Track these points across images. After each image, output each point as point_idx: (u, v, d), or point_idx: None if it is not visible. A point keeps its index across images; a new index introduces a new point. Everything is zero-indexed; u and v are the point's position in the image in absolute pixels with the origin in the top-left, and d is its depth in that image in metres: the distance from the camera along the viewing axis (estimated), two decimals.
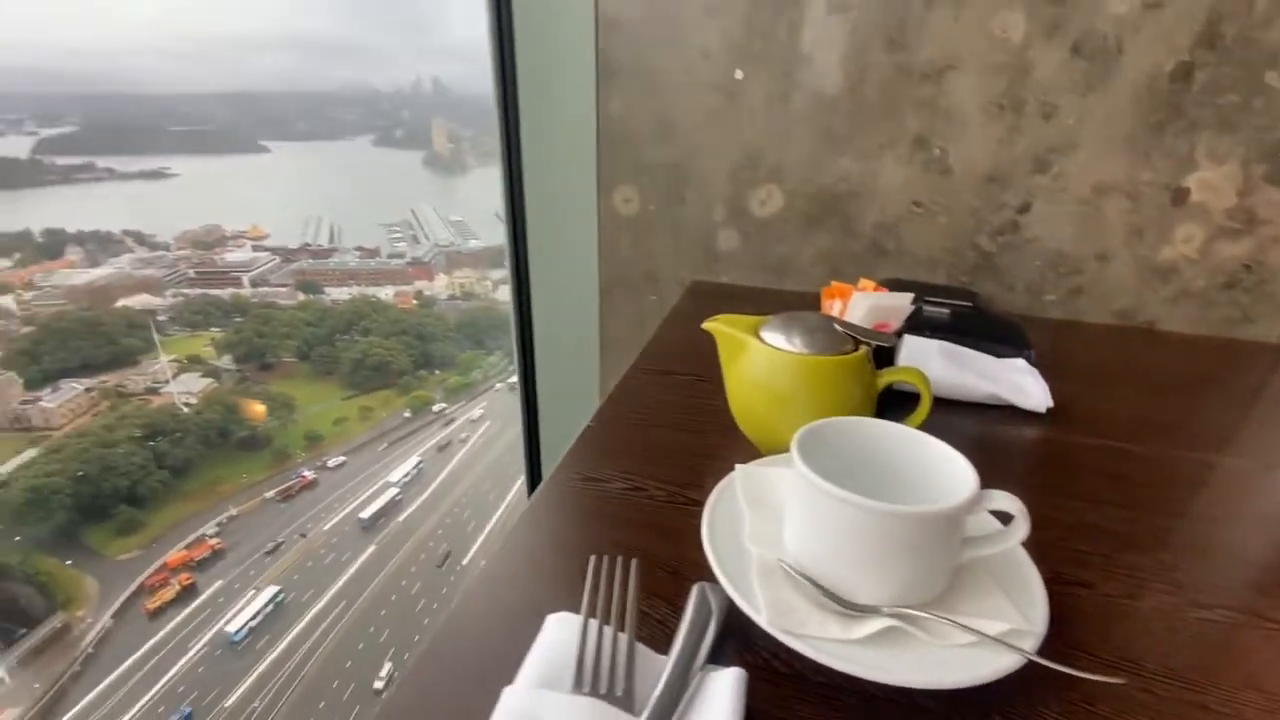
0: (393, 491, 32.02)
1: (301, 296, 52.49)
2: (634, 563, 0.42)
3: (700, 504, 0.47)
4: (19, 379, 46.63)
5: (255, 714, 19.58)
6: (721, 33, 1.11)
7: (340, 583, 27.00)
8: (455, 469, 33.90)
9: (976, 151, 1.08)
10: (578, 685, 0.34)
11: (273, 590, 27.71)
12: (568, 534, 0.50)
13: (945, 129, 1.08)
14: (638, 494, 0.54)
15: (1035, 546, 0.42)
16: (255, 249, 59.61)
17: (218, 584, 32.35)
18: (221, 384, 50.38)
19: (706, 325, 0.63)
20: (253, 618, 25.78)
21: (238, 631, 23.59)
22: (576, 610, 0.39)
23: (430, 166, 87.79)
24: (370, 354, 50.80)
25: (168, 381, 45.76)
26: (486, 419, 36.24)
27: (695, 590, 0.41)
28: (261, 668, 21.25)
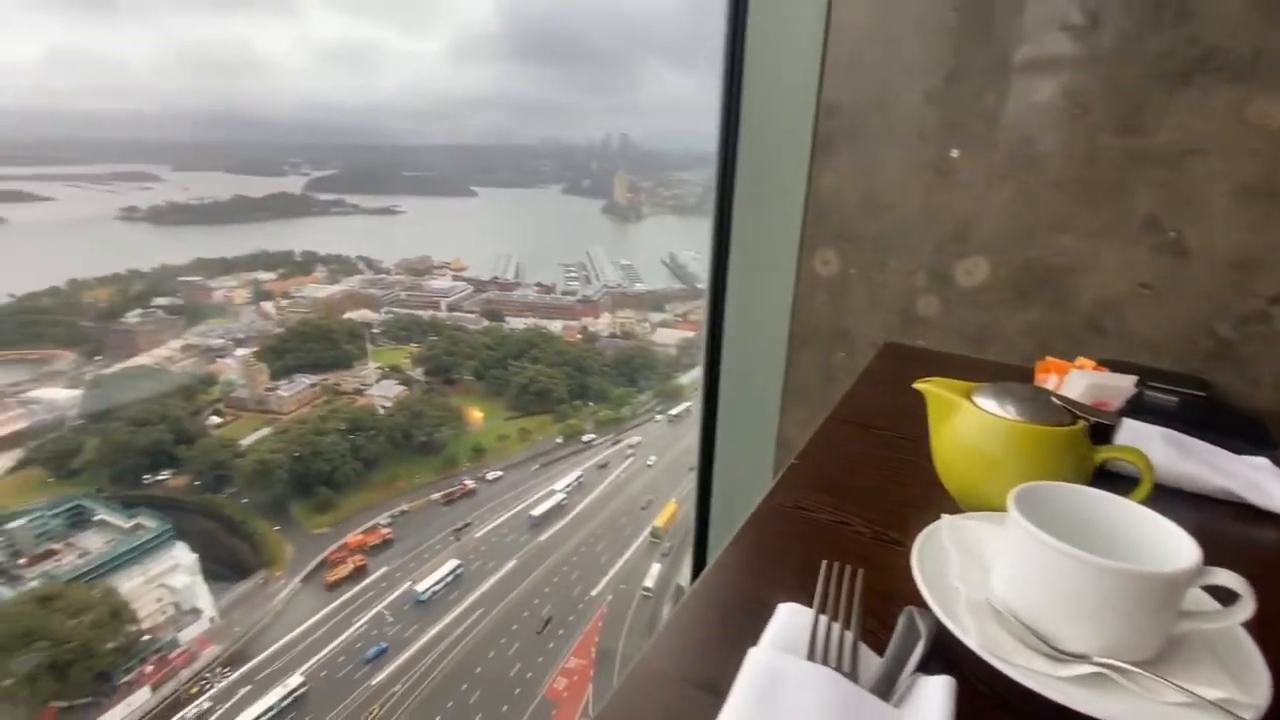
0: (559, 497, 35.48)
1: (485, 323, 57.77)
2: (860, 571, 0.48)
3: (904, 545, 0.51)
4: (266, 369, 56.55)
5: (440, 652, 22.78)
6: (940, 116, 1.12)
7: (507, 567, 29.97)
8: (609, 488, 35.58)
9: (1220, 236, 1.03)
10: (810, 657, 0.40)
11: (454, 563, 32.40)
12: (785, 546, 0.57)
13: (1182, 212, 1.04)
14: (844, 527, 0.59)
15: (1259, 637, 0.40)
16: (455, 278, 67.37)
17: (383, 569, 36.03)
18: (412, 392, 56.81)
19: (919, 385, 0.65)
20: (437, 582, 30.90)
21: (424, 591, 28.64)
22: (805, 604, 0.45)
23: (609, 214, 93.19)
24: (535, 380, 54.30)
25: (371, 385, 52.86)
26: (638, 450, 37.42)
27: (905, 613, 0.44)
28: (445, 621, 25.34)
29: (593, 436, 40.51)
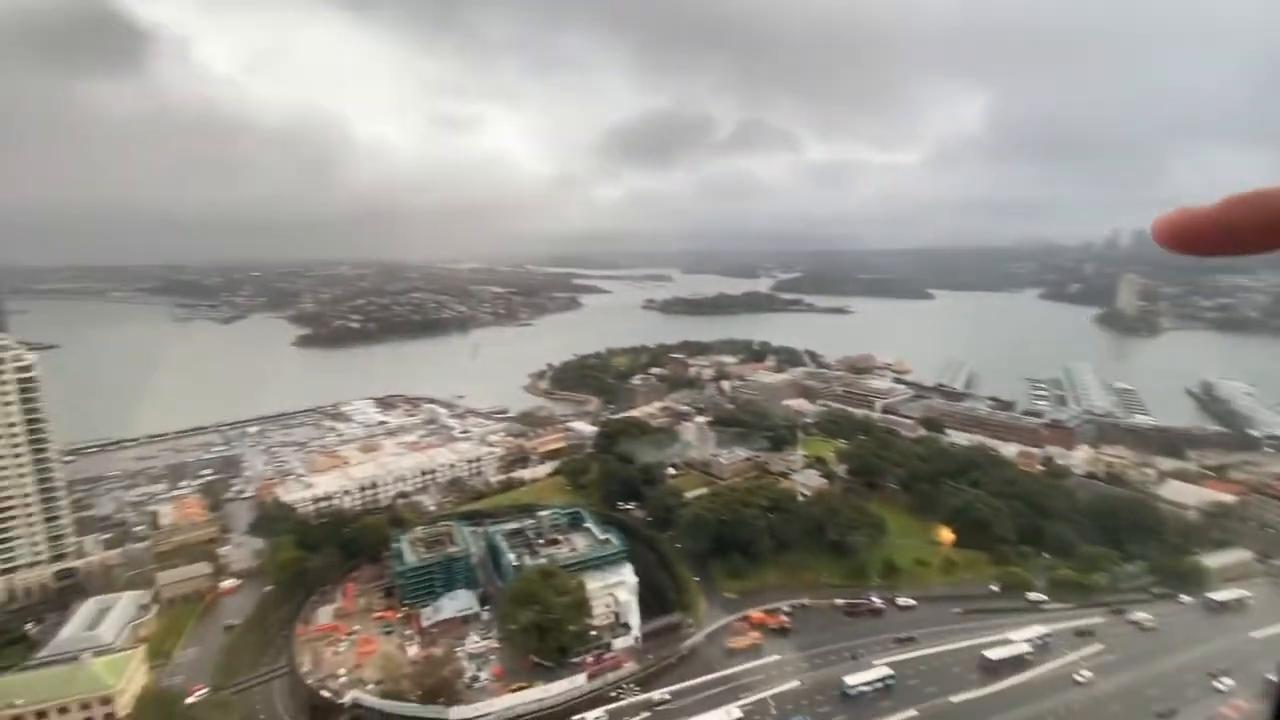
0: (1022, 647, 30.18)
1: (922, 431, 53.83)
2: None
3: None
4: (714, 438, 64.57)
5: None
6: None
7: (962, 697, 26.81)
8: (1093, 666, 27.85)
9: None
10: None
11: (886, 670, 30.86)
12: None
13: None
14: None
15: None
16: (895, 380, 65.36)
17: (774, 657, 36.01)
18: (832, 486, 56.40)
19: None
20: (868, 683, 30.06)
21: (854, 686, 28.32)
22: None
23: (1105, 324, 76.39)
24: (973, 508, 47.05)
25: (796, 471, 54.78)
26: (1095, 646, 28.13)
27: None
28: None
29: (1042, 598, 32.54)
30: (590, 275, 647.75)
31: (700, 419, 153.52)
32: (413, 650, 72.53)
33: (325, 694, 65.76)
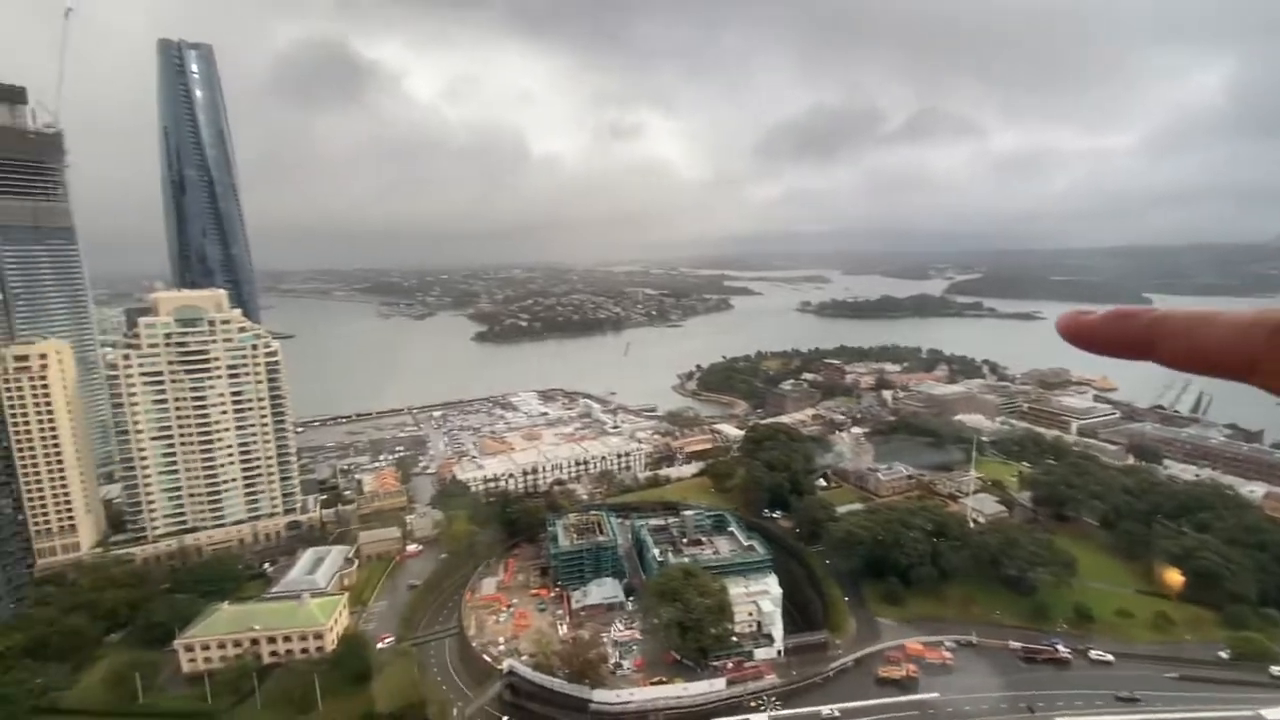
0: None
1: (1131, 460, 46.24)
2: None
3: None
4: (872, 451, 60.42)
5: None
6: None
7: None
8: None
9: None
10: None
11: None
12: None
13: None
14: None
15: None
16: (1097, 398, 56.75)
17: (933, 694, 32.87)
18: (1012, 515, 50.28)
19: None
20: None
21: None
22: None
23: None
24: (1198, 556, 39.63)
25: (968, 495, 49.56)
26: None
27: None
28: None
29: None
30: (742, 277, 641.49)
31: (857, 429, 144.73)
32: (563, 629, 77.03)
33: (486, 658, 72.20)
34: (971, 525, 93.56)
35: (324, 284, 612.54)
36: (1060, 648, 73.03)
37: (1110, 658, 71.83)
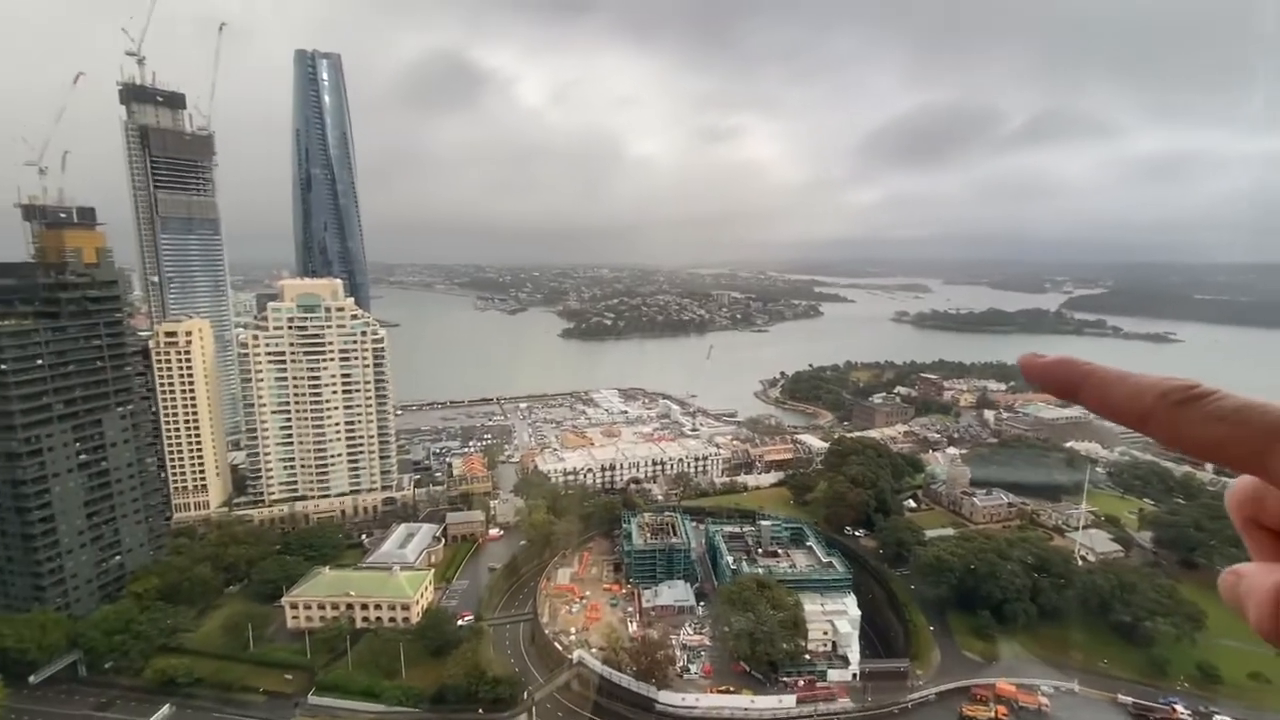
0: None
1: None
2: None
3: None
4: (969, 474, 56.57)
5: None
6: None
7: None
8: None
9: None
10: None
11: None
12: None
13: None
14: None
15: None
16: None
17: None
18: (1129, 557, 45.90)
19: None
20: None
21: None
22: None
23: None
24: None
25: (1076, 529, 45.42)
26: None
27: None
28: None
29: None
30: (835, 283, 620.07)
31: (953, 450, 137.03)
32: (633, 627, 77.65)
33: (558, 645, 74.03)
34: (1079, 563, 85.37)
35: (428, 277, 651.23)
36: (1179, 708, 65.31)
37: None
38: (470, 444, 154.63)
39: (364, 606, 78.86)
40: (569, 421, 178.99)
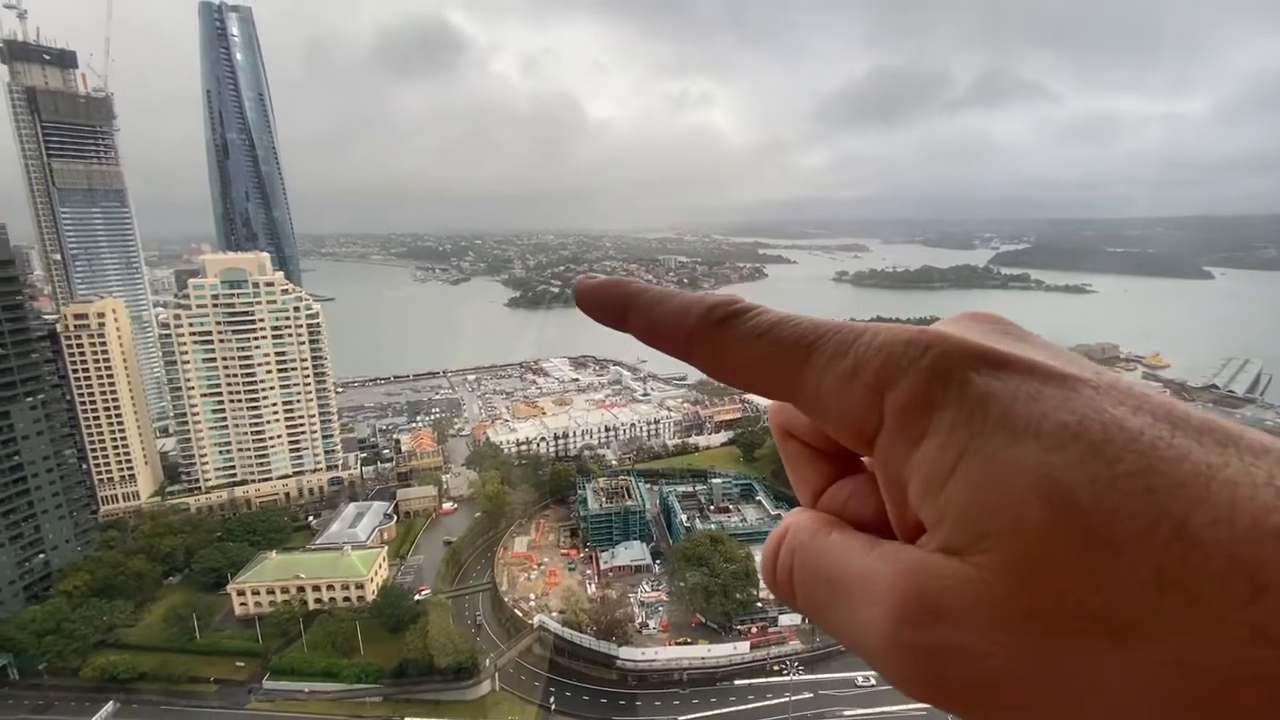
0: None
1: None
2: None
3: None
4: None
5: None
6: None
7: None
8: None
9: None
10: None
11: None
12: None
13: None
14: None
15: None
16: (1146, 376, 54.51)
17: None
18: None
19: None
20: None
21: None
22: None
23: None
24: None
25: None
26: None
27: None
28: None
29: None
30: (778, 245, 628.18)
31: None
32: (591, 588, 79.24)
33: (518, 612, 74.94)
34: None
35: (362, 248, 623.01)
36: None
37: None
38: (418, 419, 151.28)
39: (315, 588, 77.31)
40: (520, 392, 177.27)
